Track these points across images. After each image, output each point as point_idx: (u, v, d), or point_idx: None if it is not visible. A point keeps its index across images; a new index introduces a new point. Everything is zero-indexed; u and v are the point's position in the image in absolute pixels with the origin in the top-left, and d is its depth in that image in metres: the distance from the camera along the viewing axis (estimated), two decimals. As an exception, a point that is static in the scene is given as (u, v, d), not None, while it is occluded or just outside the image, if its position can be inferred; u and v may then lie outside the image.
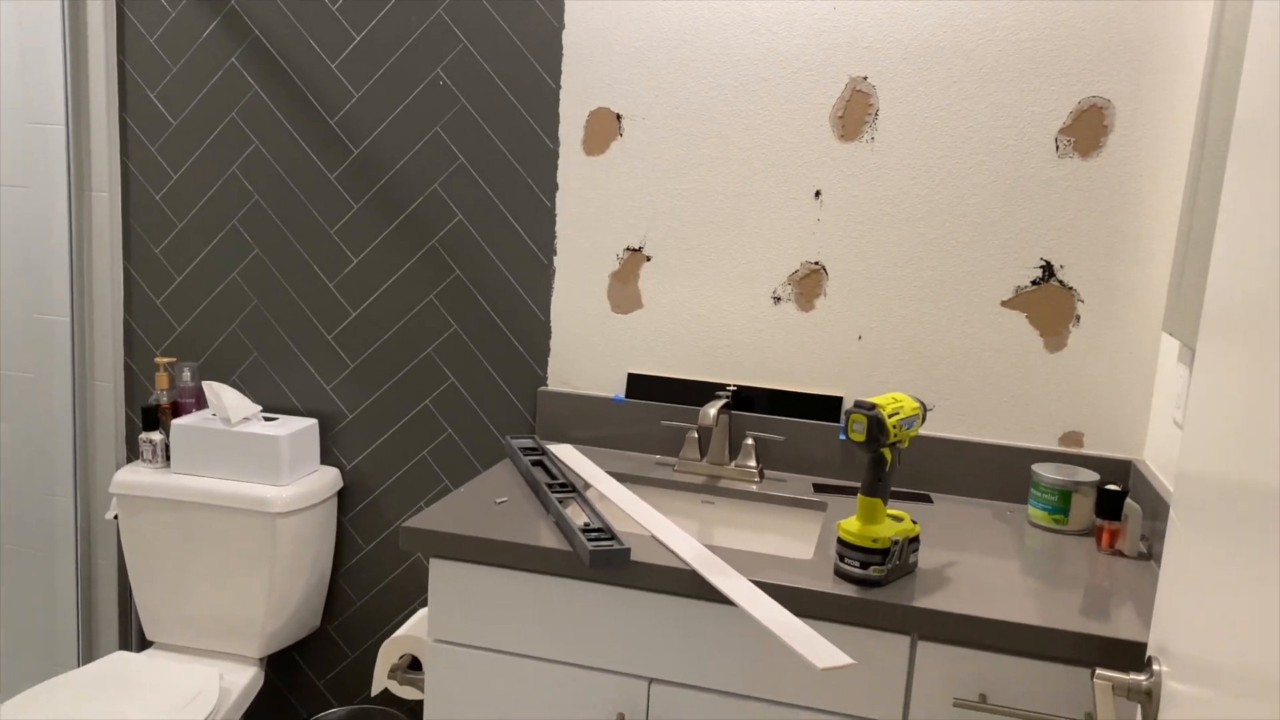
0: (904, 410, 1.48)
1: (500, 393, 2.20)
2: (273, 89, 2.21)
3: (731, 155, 1.99)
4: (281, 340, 2.31)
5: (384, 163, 2.18)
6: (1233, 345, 0.93)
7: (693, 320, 2.07)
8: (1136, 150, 1.81)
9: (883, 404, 1.46)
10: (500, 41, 2.07)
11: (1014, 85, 1.85)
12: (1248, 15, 1.50)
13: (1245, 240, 0.91)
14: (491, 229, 2.15)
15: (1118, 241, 1.84)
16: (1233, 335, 0.93)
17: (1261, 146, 0.90)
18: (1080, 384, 1.89)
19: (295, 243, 2.26)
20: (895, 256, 1.95)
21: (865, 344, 1.99)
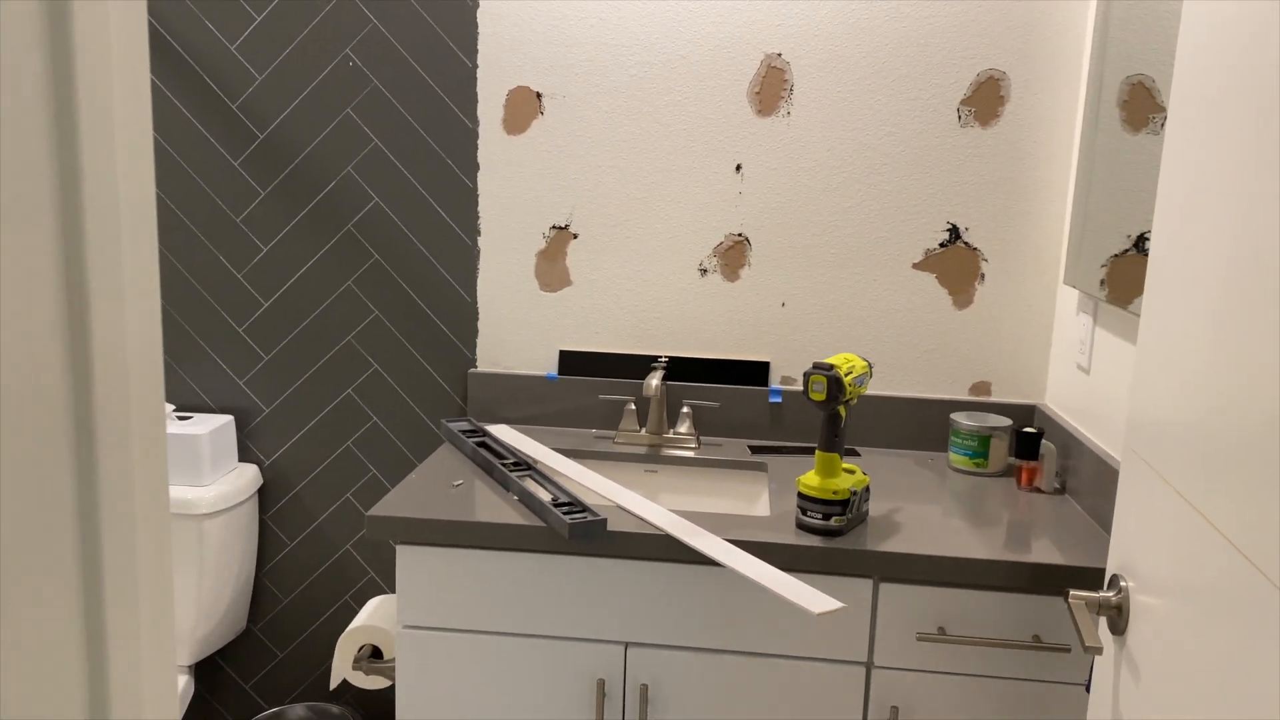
0: (856, 369, 1.57)
1: (428, 377, 2.18)
2: (166, 73, 2.11)
3: (653, 131, 2.04)
4: (188, 336, 2.21)
5: (293, 147, 2.12)
6: (1177, 301, 1.05)
7: (622, 295, 2.11)
8: (1031, 118, 1.96)
9: (838, 364, 1.55)
10: (413, 20, 2.05)
11: (918, 60, 1.96)
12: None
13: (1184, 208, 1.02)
14: (411, 211, 2.12)
15: (1017, 203, 1.99)
16: (1177, 292, 1.05)
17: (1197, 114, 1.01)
18: (987, 337, 2.04)
19: (199, 234, 2.17)
20: (814, 226, 2.05)
21: (789, 310, 2.08)
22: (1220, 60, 1.00)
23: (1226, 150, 0.96)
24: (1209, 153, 1.01)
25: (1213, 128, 1.00)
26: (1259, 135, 0.89)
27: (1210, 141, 1.00)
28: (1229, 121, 0.96)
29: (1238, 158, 0.93)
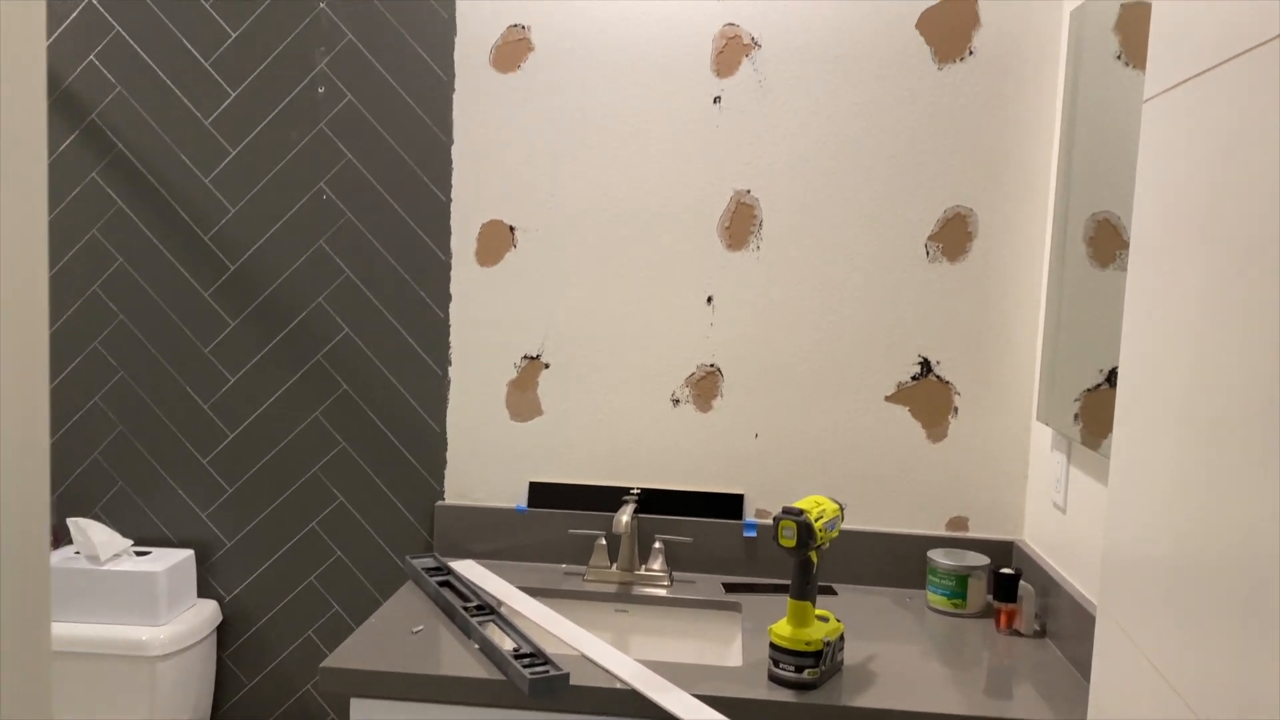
0: (827, 513, 1.54)
1: (394, 510, 2.14)
2: (138, 205, 2.11)
3: (625, 264, 2.04)
4: (150, 467, 2.17)
5: (263, 278, 2.11)
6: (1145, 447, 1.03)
7: (593, 425, 2.08)
8: (1000, 253, 1.97)
9: (807, 508, 1.51)
10: (387, 154, 2.06)
11: (885, 197, 1.99)
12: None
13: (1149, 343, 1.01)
14: (381, 342, 2.11)
15: (988, 338, 1.99)
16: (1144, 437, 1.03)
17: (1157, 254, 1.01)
18: (962, 471, 2.02)
19: (165, 364, 2.14)
20: (785, 357, 2.04)
21: (762, 442, 2.06)
22: (1177, 203, 1.00)
23: (1187, 292, 0.96)
24: (1170, 295, 1.00)
25: (1172, 269, 0.99)
26: (1218, 276, 0.88)
27: (1171, 283, 1.00)
28: (1188, 262, 0.96)
29: (1198, 300, 0.93)
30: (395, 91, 2.05)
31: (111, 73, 2.08)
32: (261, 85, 2.07)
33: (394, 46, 2.04)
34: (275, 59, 2.06)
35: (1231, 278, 0.86)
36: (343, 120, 2.06)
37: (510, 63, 2.02)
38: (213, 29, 2.06)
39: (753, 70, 1.98)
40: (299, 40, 2.05)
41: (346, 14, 2.04)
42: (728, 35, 1.98)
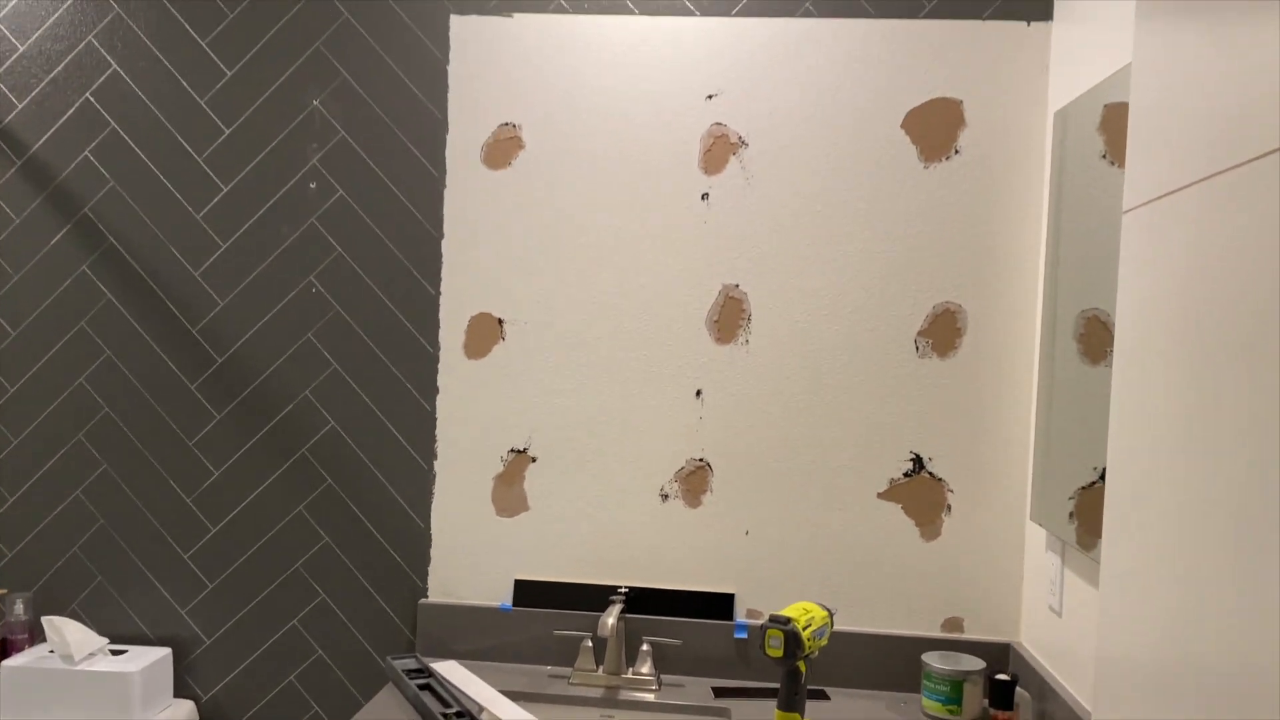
0: (815, 621, 1.50)
1: (377, 608, 2.09)
2: (128, 297, 2.12)
3: (613, 356, 2.03)
4: (130, 562, 2.13)
5: (251, 371, 2.10)
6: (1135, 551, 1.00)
7: (581, 521, 2.05)
8: (990, 349, 1.96)
9: (795, 616, 1.47)
10: (377, 249, 2.07)
11: (873, 291, 1.98)
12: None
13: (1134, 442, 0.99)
14: (367, 435, 2.09)
15: (979, 434, 1.97)
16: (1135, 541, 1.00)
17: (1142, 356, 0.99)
18: (956, 571, 1.97)
19: (149, 456, 2.12)
20: (776, 452, 2.01)
21: (753, 539, 2.02)
22: (1157, 312, 0.99)
23: (1170, 397, 0.94)
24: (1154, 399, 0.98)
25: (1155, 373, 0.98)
26: (1198, 382, 0.86)
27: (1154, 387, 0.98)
28: (1169, 367, 0.94)
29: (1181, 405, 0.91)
30: (387, 187, 2.07)
31: (105, 167, 2.11)
32: (254, 180, 2.09)
33: (386, 143, 2.06)
34: (269, 154, 2.08)
35: (1211, 384, 0.85)
36: (334, 215, 2.08)
37: (501, 159, 2.04)
38: (207, 124, 2.09)
39: (740, 168, 2.00)
40: (292, 136, 2.08)
41: (340, 112, 2.07)
42: (715, 134, 2.00)
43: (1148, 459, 1.00)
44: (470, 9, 2.04)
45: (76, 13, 2.10)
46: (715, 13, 1.99)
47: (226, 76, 2.09)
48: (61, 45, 2.10)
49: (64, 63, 2.10)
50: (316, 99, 2.07)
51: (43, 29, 2.10)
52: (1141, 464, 1.01)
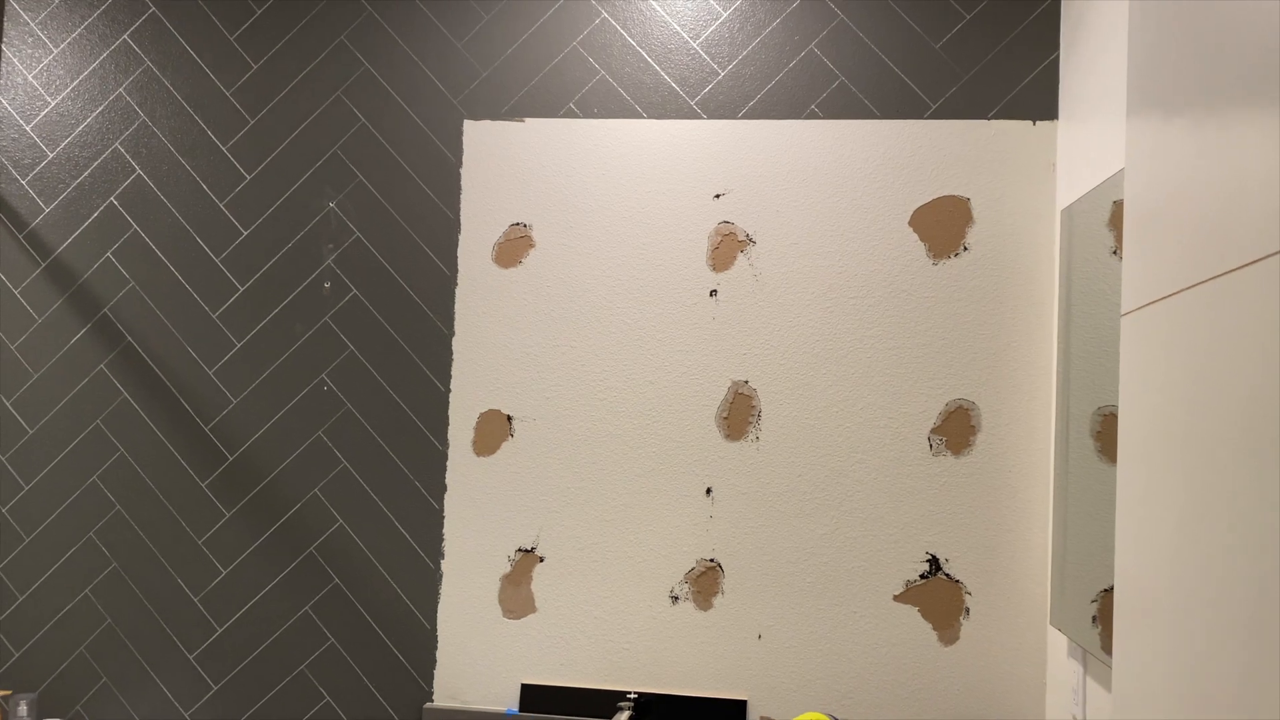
0: (822, 734, 1.44)
1: (381, 712, 2.04)
2: (143, 396, 2.14)
3: (622, 454, 2.02)
4: (136, 663, 2.11)
5: (261, 469, 2.11)
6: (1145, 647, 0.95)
7: (589, 623, 2.01)
8: (1005, 447, 1.93)
9: (801, 729, 1.42)
10: (389, 346, 2.09)
11: (885, 389, 1.96)
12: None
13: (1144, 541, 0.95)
14: (374, 534, 2.07)
15: (997, 535, 1.92)
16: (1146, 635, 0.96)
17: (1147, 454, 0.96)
18: (976, 677, 1.90)
19: (159, 555, 2.12)
20: (789, 553, 1.97)
21: (766, 643, 1.96)
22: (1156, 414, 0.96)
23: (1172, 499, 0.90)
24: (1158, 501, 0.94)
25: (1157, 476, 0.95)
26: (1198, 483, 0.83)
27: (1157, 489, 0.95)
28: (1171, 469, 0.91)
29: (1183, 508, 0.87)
30: (400, 286, 2.09)
31: (126, 269, 2.15)
32: (270, 280, 2.12)
33: (400, 243, 2.10)
34: (285, 255, 2.12)
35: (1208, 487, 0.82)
36: (347, 313, 2.10)
37: (512, 258, 2.06)
38: (226, 226, 2.14)
39: (749, 265, 2.00)
40: (309, 237, 2.12)
41: (355, 213, 2.11)
42: (723, 232, 2.01)
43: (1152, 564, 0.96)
44: (483, 114, 2.09)
45: (104, 121, 2.17)
46: (722, 115, 2.03)
47: (246, 180, 2.14)
48: (89, 151, 2.17)
49: (90, 168, 2.17)
50: (333, 201, 2.12)
51: (72, 136, 2.18)
52: (1147, 569, 0.98)
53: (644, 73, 2.05)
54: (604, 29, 2.07)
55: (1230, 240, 0.82)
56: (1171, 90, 0.97)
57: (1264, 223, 0.76)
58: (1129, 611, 1.03)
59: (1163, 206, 0.99)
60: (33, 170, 2.18)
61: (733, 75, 2.03)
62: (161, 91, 2.16)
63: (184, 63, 2.16)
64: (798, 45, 2.02)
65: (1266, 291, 0.74)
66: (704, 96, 2.03)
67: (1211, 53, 0.86)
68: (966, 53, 1.98)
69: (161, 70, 2.17)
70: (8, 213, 2.18)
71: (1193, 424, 0.88)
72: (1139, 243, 1.05)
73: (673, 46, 2.05)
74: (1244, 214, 0.79)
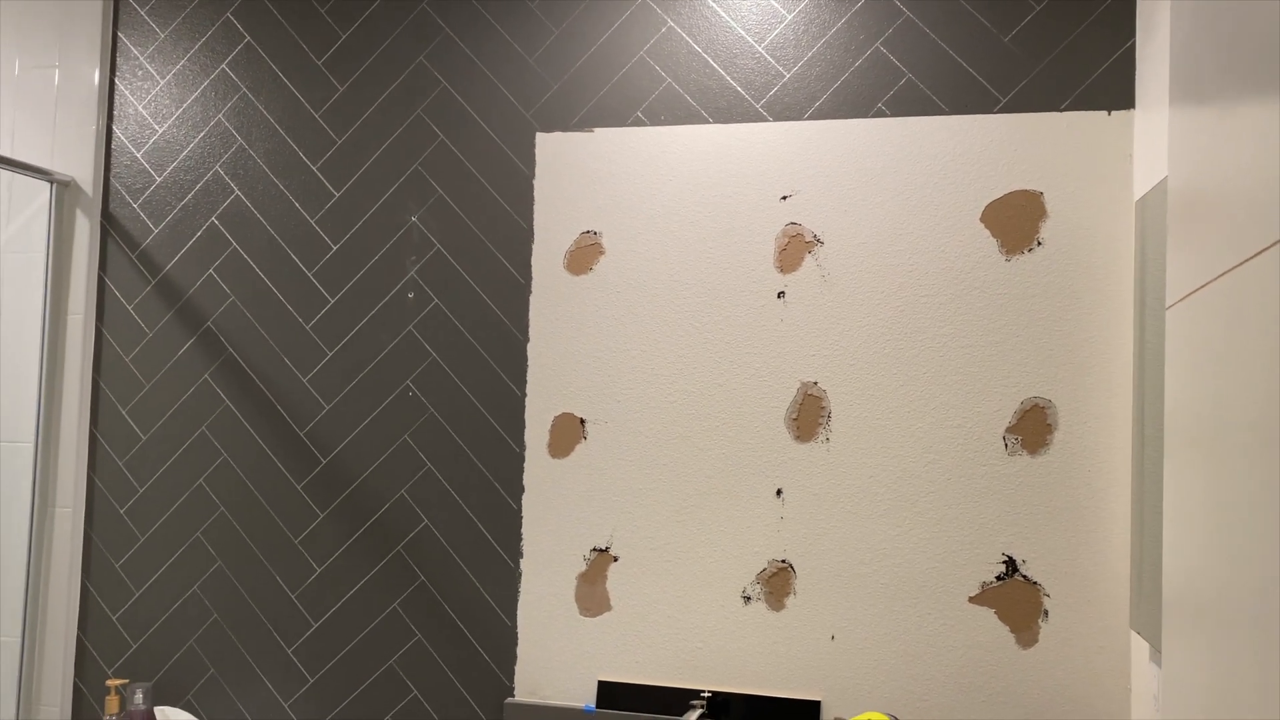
0: (881, 734, 1.44)
1: (466, 706, 2.12)
2: (244, 403, 2.27)
3: (693, 455, 2.04)
4: (240, 656, 2.24)
5: (351, 471, 2.21)
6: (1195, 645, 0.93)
7: (663, 622, 2.04)
8: (1083, 446, 1.88)
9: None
10: (468, 353, 2.16)
11: (958, 388, 1.94)
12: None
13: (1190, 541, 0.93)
14: (457, 534, 2.15)
15: (1076, 536, 1.87)
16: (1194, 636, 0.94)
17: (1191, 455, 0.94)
18: (1056, 682, 1.86)
19: (259, 553, 2.24)
20: (861, 554, 1.96)
21: (839, 644, 1.96)
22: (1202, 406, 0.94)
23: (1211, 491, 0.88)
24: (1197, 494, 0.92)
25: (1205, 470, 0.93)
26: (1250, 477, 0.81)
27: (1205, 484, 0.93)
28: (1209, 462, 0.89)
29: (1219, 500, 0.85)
30: (477, 295, 2.17)
31: (226, 284, 2.29)
32: (358, 292, 2.23)
33: (477, 254, 2.17)
34: (371, 268, 2.22)
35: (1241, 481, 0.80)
36: (429, 322, 2.19)
37: (582, 265, 2.11)
38: (317, 242, 2.25)
39: (816, 266, 2.01)
40: (393, 250, 2.21)
41: (436, 226, 2.19)
42: (790, 234, 2.02)
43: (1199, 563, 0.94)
44: (554, 126, 2.14)
45: (205, 145, 2.32)
46: (788, 117, 2.03)
47: (335, 198, 2.25)
48: (192, 175, 2.32)
49: (194, 190, 2.32)
50: (414, 215, 2.21)
51: (176, 160, 2.33)
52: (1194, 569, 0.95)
53: (709, 78, 2.07)
54: (670, 37, 2.10)
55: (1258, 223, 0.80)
56: (1210, 80, 0.94)
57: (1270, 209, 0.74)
58: (1177, 613, 1.01)
59: (1202, 196, 0.97)
60: (143, 194, 2.35)
61: (798, 77, 2.04)
62: (256, 116, 2.30)
63: (276, 88, 2.29)
64: (863, 44, 2.01)
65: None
66: (769, 99, 2.05)
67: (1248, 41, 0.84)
68: (1037, 44, 1.94)
69: (256, 96, 2.30)
70: (121, 234, 2.35)
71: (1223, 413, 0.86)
72: (1181, 233, 1.03)
73: (738, 51, 2.07)
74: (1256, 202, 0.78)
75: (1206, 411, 0.89)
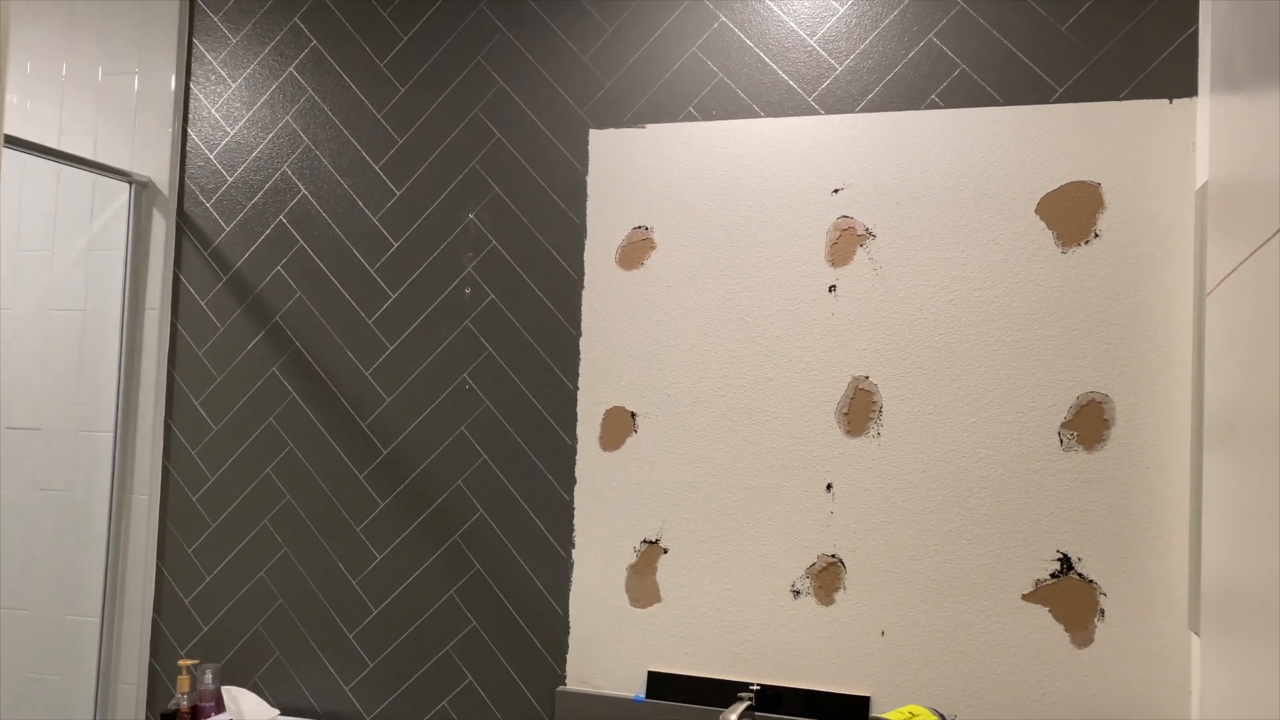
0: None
1: (518, 693, 2.16)
2: (310, 395, 2.35)
3: (743, 449, 2.05)
4: (304, 640, 2.31)
5: (411, 462, 2.27)
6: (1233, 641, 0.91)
7: (712, 614, 2.05)
8: (1140, 442, 1.83)
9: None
10: (523, 347, 2.20)
11: (1013, 382, 1.91)
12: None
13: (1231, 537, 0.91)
14: (512, 524, 2.19)
15: (1133, 533, 1.83)
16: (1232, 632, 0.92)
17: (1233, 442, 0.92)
18: (1113, 683, 1.82)
19: (323, 541, 2.32)
20: (912, 549, 1.95)
21: (889, 639, 1.95)
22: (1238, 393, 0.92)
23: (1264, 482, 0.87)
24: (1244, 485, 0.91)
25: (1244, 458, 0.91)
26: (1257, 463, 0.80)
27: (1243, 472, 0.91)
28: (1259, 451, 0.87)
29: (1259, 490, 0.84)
30: (531, 290, 2.21)
31: (294, 280, 2.37)
32: (418, 287, 2.29)
33: (532, 250, 2.21)
34: (430, 264, 2.28)
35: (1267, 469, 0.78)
36: (485, 317, 2.23)
37: (634, 260, 2.14)
38: (379, 240, 2.32)
39: (868, 259, 2.00)
40: (451, 247, 2.27)
41: (492, 223, 2.24)
42: (841, 227, 2.01)
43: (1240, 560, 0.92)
44: (607, 123, 2.17)
45: (274, 146, 2.40)
46: (839, 110, 2.03)
47: (395, 196, 2.31)
48: (261, 175, 2.41)
49: (263, 190, 2.40)
50: (472, 212, 2.26)
51: (247, 161, 2.42)
52: (1233, 566, 0.94)
53: (761, 72, 2.08)
54: (722, 32, 2.11)
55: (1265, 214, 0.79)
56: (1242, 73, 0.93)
57: None
58: (1215, 611, 0.99)
59: (1235, 184, 0.95)
60: (215, 194, 2.44)
61: (850, 70, 2.03)
62: (322, 117, 2.37)
63: (341, 90, 2.37)
64: (916, 35, 2.00)
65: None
66: (821, 92, 2.05)
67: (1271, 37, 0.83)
68: (1095, 33, 1.91)
69: (321, 98, 2.38)
70: (195, 232, 2.45)
71: (1253, 409, 0.84)
72: (1218, 220, 1.01)
73: (790, 45, 2.07)
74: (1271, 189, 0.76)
75: (1234, 403, 0.87)
